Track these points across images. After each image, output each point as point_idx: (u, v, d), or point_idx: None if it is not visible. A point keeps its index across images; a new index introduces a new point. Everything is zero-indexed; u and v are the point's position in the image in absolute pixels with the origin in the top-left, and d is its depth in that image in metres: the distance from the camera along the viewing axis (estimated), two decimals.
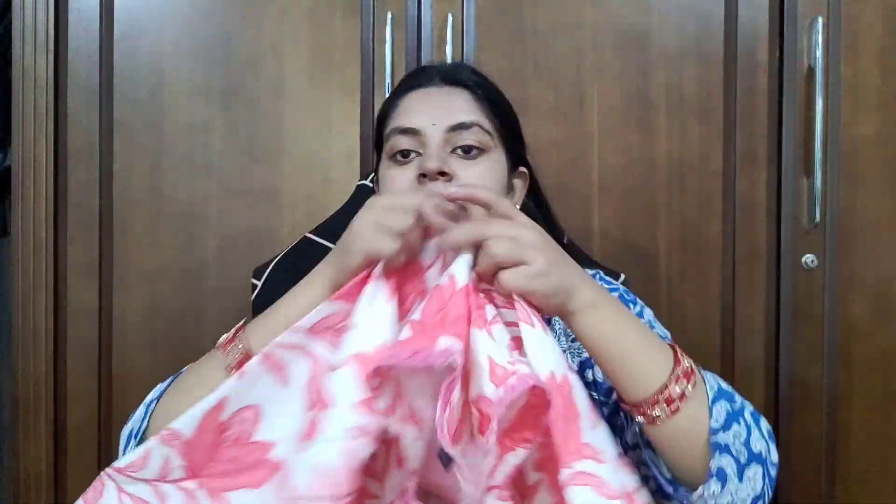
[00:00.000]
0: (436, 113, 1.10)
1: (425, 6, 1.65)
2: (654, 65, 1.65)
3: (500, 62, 1.64)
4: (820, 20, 1.60)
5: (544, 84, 1.65)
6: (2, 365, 1.93)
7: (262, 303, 1.40)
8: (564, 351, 1.07)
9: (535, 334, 0.84)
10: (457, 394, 0.80)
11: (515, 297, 0.86)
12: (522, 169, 1.19)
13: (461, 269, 0.87)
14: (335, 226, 1.43)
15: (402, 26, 1.64)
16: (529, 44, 1.66)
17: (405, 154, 1.10)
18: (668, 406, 0.88)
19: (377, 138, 1.19)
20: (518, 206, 1.17)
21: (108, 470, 0.89)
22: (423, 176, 1.06)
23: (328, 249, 1.40)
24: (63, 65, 1.64)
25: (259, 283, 1.40)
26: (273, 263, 1.41)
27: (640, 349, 0.91)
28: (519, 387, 0.78)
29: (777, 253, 1.65)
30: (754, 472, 0.90)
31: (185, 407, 0.91)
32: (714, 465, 0.88)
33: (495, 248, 0.87)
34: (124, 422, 1.64)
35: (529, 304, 0.86)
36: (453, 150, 1.09)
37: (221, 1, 1.66)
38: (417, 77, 1.17)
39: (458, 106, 1.11)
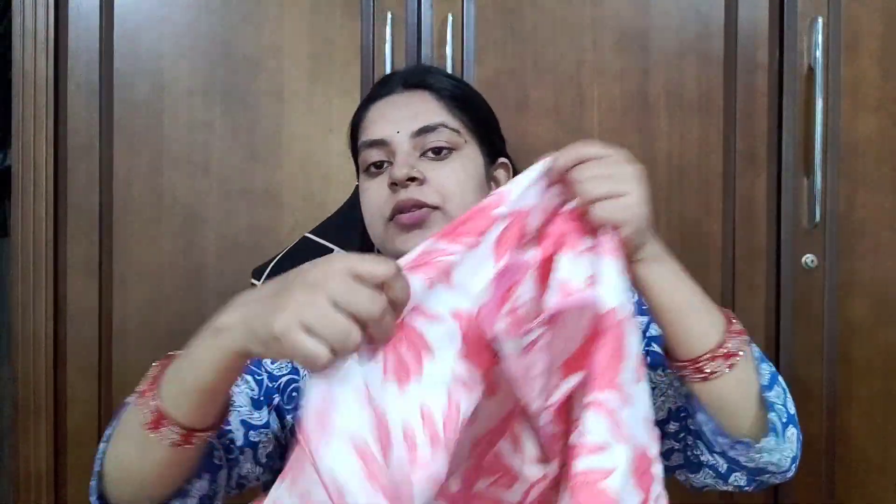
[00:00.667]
0: (399, 120, 1.11)
1: (425, 6, 1.65)
2: (654, 65, 1.65)
3: (500, 62, 1.64)
4: (820, 20, 1.60)
5: (544, 84, 1.65)
6: (2, 365, 1.93)
7: None
8: None
9: (615, 267, 0.81)
10: (528, 291, 0.78)
11: (604, 229, 0.83)
12: (503, 160, 1.18)
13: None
14: (335, 226, 1.43)
15: (402, 26, 1.64)
16: (529, 44, 1.66)
17: (378, 165, 1.11)
18: (725, 360, 0.91)
19: (352, 150, 1.19)
20: None
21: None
22: (394, 184, 1.07)
23: (328, 249, 1.42)
24: (63, 65, 1.64)
25: (259, 284, 1.40)
26: (272, 263, 1.41)
27: (700, 304, 0.93)
28: (576, 301, 0.75)
29: (777, 253, 1.65)
30: (791, 432, 0.96)
31: (132, 455, 0.84)
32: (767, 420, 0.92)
33: (590, 188, 0.82)
34: None
35: (616, 238, 0.83)
36: (423, 154, 1.10)
37: (221, 1, 1.66)
38: (380, 87, 1.17)
39: (421, 109, 1.12)
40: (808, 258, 1.63)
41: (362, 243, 1.26)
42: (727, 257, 1.65)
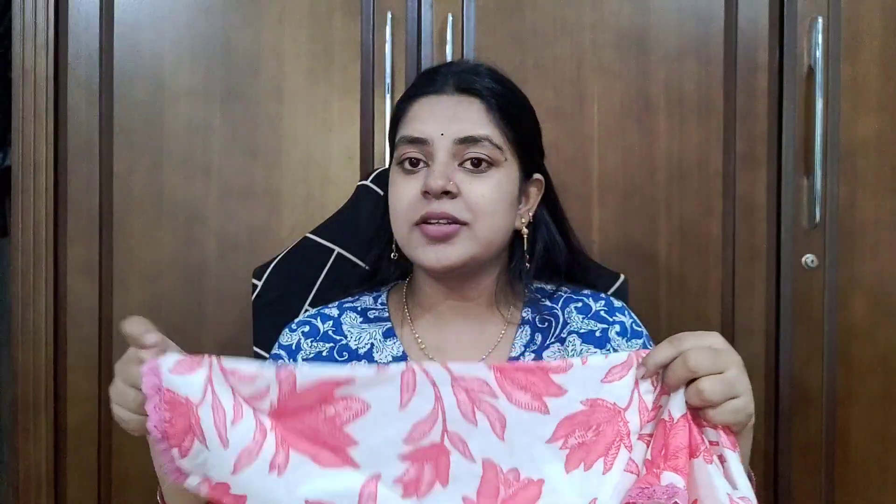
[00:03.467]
0: (445, 123, 1.09)
1: (425, 6, 1.65)
2: (654, 65, 1.65)
3: (500, 62, 1.61)
4: (820, 20, 1.60)
5: (544, 84, 1.65)
6: (2, 365, 1.93)
7: (262, 303, 1.40)
8: None
9: (737, 459, 0.89)
10: None
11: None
12: (538, 176, 1.18)
13: (678, 401, 0.90)
14: (335, 226, 1.43)
15: (402, 26, 1.64)
16: (529, 44, 1.66)
17: (413, 163, 1.10)
18: None
19: (391, 136, 1.19)
20: (531, 214, 1.18)
21: (215, 360, 0.90)
22: (427, 192, 1.07)
23: (328, 249, 1.42)
24: (63, 65, 1.64)
25: (259, 284, 1.40)
26: (273, 263, 1.41)
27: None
28: None
29: (777, 253, 1.65)
30: None
31: None
32: None
33: (693, 360, 0.88)
34: None
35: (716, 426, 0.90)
36: (461, 163, 1.09)
37: (221, 1, 1.66)
38: (432, 80, 1.15)
39: (468, 117, 1.10)
40: (808, 258, 1.63)
41: (363, 243, 1.25)
42: (727, 257, 1.65)
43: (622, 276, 1.42)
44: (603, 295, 1.21)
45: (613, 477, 0.91)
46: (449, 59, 1.62)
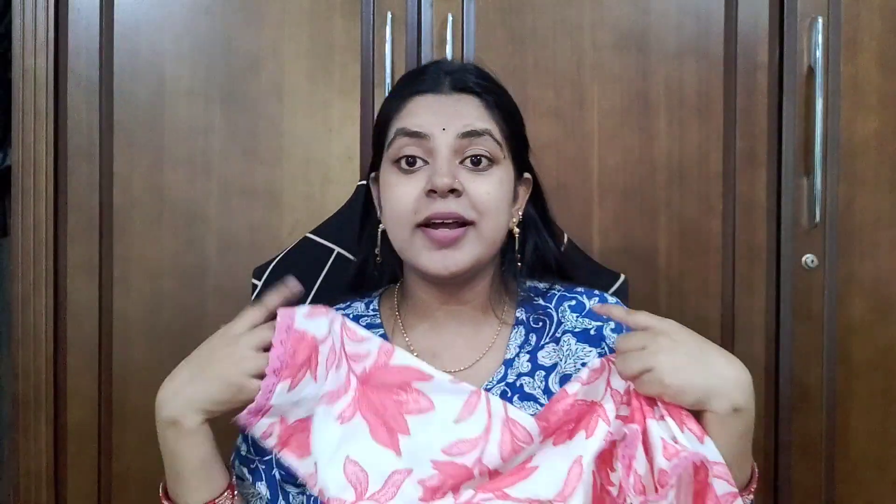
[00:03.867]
0: (445, 118, 1.07)
1: (425, 6, 1.65)
2: (653, 65, 1.65)
3: (500, 62, 1.64)
4: (820, 20, 1.60)
5: (544, 84, 1.65)
6: (2, 364, 1.93)
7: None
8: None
9: (677, 428, 0.98)
10: (642, 464, 0.96)
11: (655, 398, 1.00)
12: (527, 175, 1.17)
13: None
14: (335, 226, 1.43)
15: (402, 26, 1.64)
16: (529, 44, 1.66)
17: (411, 162, 1.07)
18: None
19: (376, 140, 1.15)
20: (520, 213, 1.16)
21: (339, 315, 1.04)
22: (432, 191, 1.04)
23: (328, 249, 1.42)
24: (63, 65, 1.64)
25: (259, 284, 1.40)
26: (273, 263, 1.41)
27: (739, 458, 1.00)
28: (684, 462, 0.93)
29: (777, 253, 1.65)
30: None
31: None
32: None
33: (626, 365, 0.99)
34: (124, 421, 1.65)
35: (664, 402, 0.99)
36: (462, 161, 1.07)
37: (221, 1, 1.66)
38: (423, 80, 1.12)
39: (468, 113, 1.08)
40: (808, 258, 1.63)
41: (364, 244, 1.24)
42: (727, 257, 1.65)
43: (622, 276, 1.42)
44: (597, 292, 1.20)
45: (595, 442, 1.00)
46: (449, 59, 1.61)
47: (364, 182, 1.43)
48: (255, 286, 1.41)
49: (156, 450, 1.04)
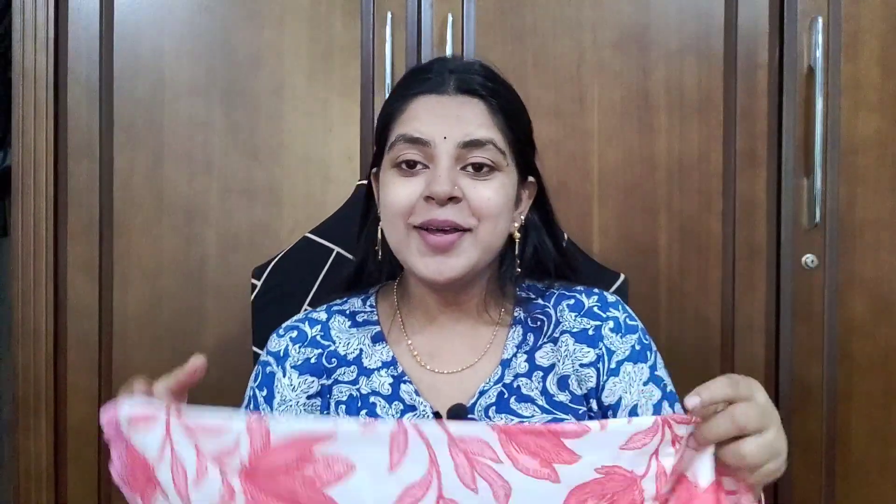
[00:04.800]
0: (448, 125, 1.05)
1: (425, 6, 1.65)
2: (654, 64, 1.65)
3: (500, 61, 1.60)
4: (820, 20, 1.60)
5: (544, 84, 1.65)
6: (2, 363, 1.93)
7: (261, 303, 1.40)
8: None
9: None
10: None
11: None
12: (531, 179, 1.15)
13: (705, 463, 0.84)
14: (335, 226, 1.43)
15: (402, 26, 1.64)
16: (529, 44, 1.66)
17: (411, 165, 1.06)
18: None
19: (378, 137, 1.13)
20: (523, 217, 1.15)
21: (174, 415, 0.84)
22: (430, 198, 1.03)
23: (328, 249, 1.42)
24: (63, 64, 1.64)
25: (259, 283, 1.40)
26: (273, 263, 1.41)
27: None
28: None
29: (777, 252, 1.65)
30: None
31: None
32: None
33: (742, 416, 0.81)
34: None
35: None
36: (463, 168, 1.05)
37: (221, 1, 1.66)
38: (427, 79, 1.10)
39: (472, 119, 1.06)
40: (808, 258, 1.63)
41: (364, 240, 1.24)
42: (727, 257, 1.65)
43: (622, 276, 1.42)
44: (596, 290, 1.18)
45: None
46: (455, 55, 1.60)
47: (364, 182, 1.43)
48: (254, 286, 1.41)
49: None
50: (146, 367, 1.64)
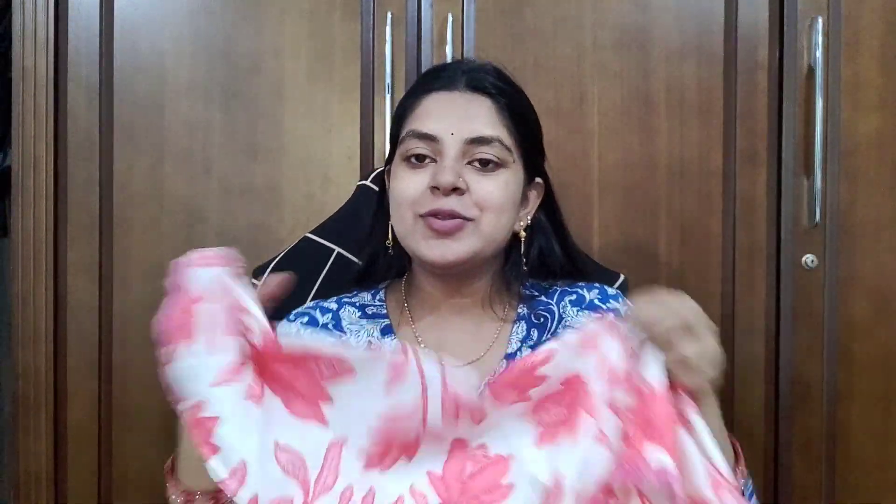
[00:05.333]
0: (456, 121, 1.10)
1: (425, 6, 1.65)
2: (654, 64, 1.65)
3: (500, 61, 1.63)
4: (820, 20, 1.60)
5: (544, 84, 1.65)
6: (2, 363, 1.93)
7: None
8: None
9: (701, 422, 0.90)
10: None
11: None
12: (538, 180, 1.18)
13: (656, 369, 0.90)
14: (335, 226, 1.43)
15: (402, 26, 1.64)
16: (529, 44, 1.66)
17: (420, 158, 1.10)
18: None
19: (393, 133, 1.18)
20: (530, 217, 1.18)
21: (230, 275, 0.96)
22: (435, 188, 1.07)
23: (328, 249, 1.42)
24: (63, 65, 1.64)
25: (259, 284, 1.40)
26: (273, 263, 1.41)
27: (718, 438, 0.94)
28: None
29: (777, 252, 1.65)
30: None
31: None
32: None
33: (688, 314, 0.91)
34: (124, 421, 1.65)
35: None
36: (470, 162, 1.09)
37: (221, 1, 1.66)
38: (440, 77, 1.15)
39: (479, 117, 1.11)
40: (808, 258, 1.63)
41: (376, 236, 1.24)
42: (727, 256, 1.65)
43: (622, 276, 1.42)
44: (597, 284, 1.22)
45: (580, 448, 0.88)
46: (449, 59, 1.61)
47: (364, 182, 1.43)
48: (254, 286, 1.40)
49: (156, 450, 1.05)
50: (146, 368, 1.64)
